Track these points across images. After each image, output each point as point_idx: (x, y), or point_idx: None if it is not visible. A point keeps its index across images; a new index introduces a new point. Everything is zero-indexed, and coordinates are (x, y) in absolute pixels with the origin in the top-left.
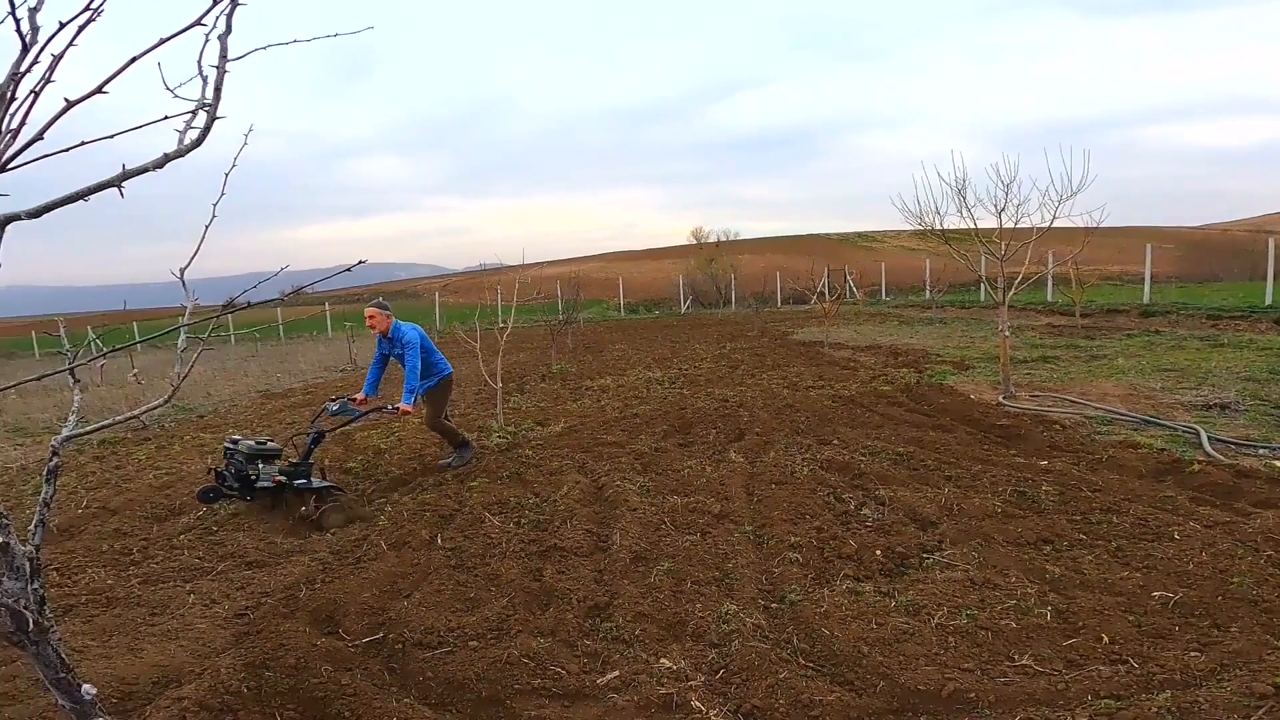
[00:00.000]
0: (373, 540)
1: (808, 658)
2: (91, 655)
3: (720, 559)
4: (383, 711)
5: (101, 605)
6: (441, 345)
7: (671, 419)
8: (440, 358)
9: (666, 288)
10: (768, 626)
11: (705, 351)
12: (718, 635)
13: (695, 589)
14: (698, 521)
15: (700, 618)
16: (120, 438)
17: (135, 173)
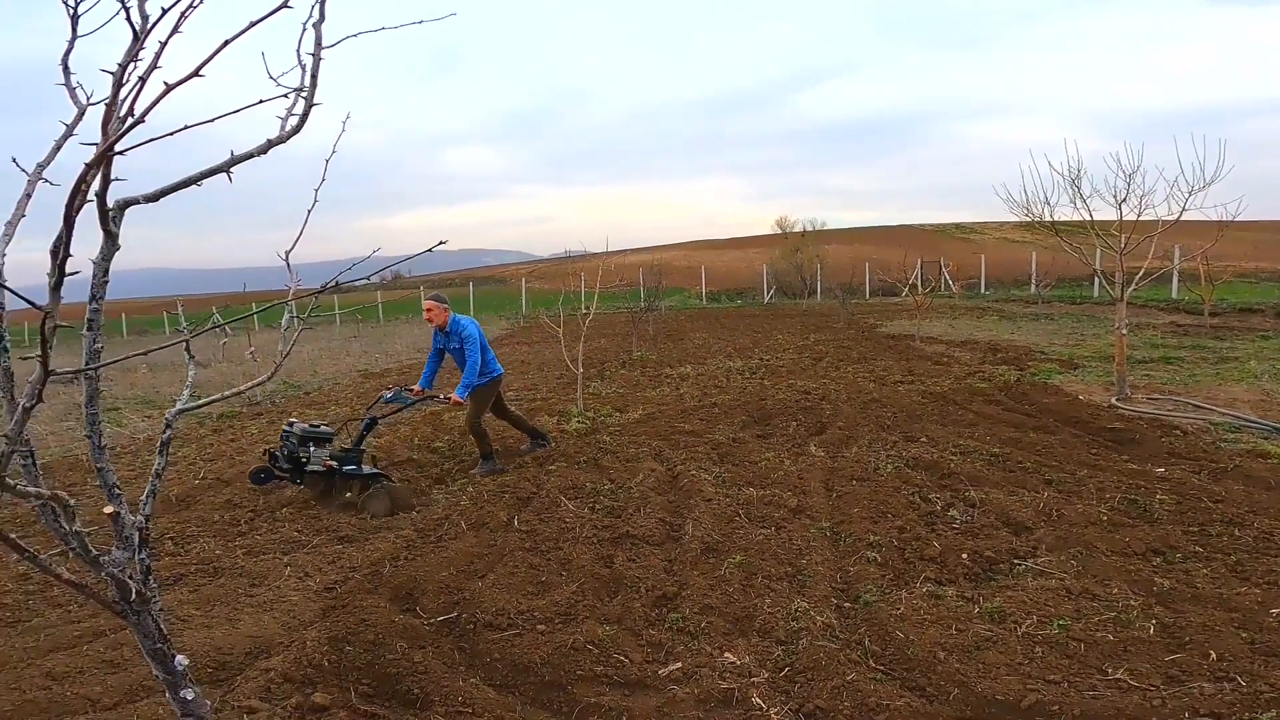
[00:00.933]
0: (454, 520)
1: (879, 660)
2: (194, 624)
3: (794, 555)
4: (450, 690)
5: (208, 575)
6: (526, 330)
7: (751, 409)
8: (493, 356)
9: (749, 277)
10: (838, 626)
11: (787, 342)
12: (785, 632)
13: (766, 584)
14: (773, 515)
15: (769, 613)
16: (236, 412)
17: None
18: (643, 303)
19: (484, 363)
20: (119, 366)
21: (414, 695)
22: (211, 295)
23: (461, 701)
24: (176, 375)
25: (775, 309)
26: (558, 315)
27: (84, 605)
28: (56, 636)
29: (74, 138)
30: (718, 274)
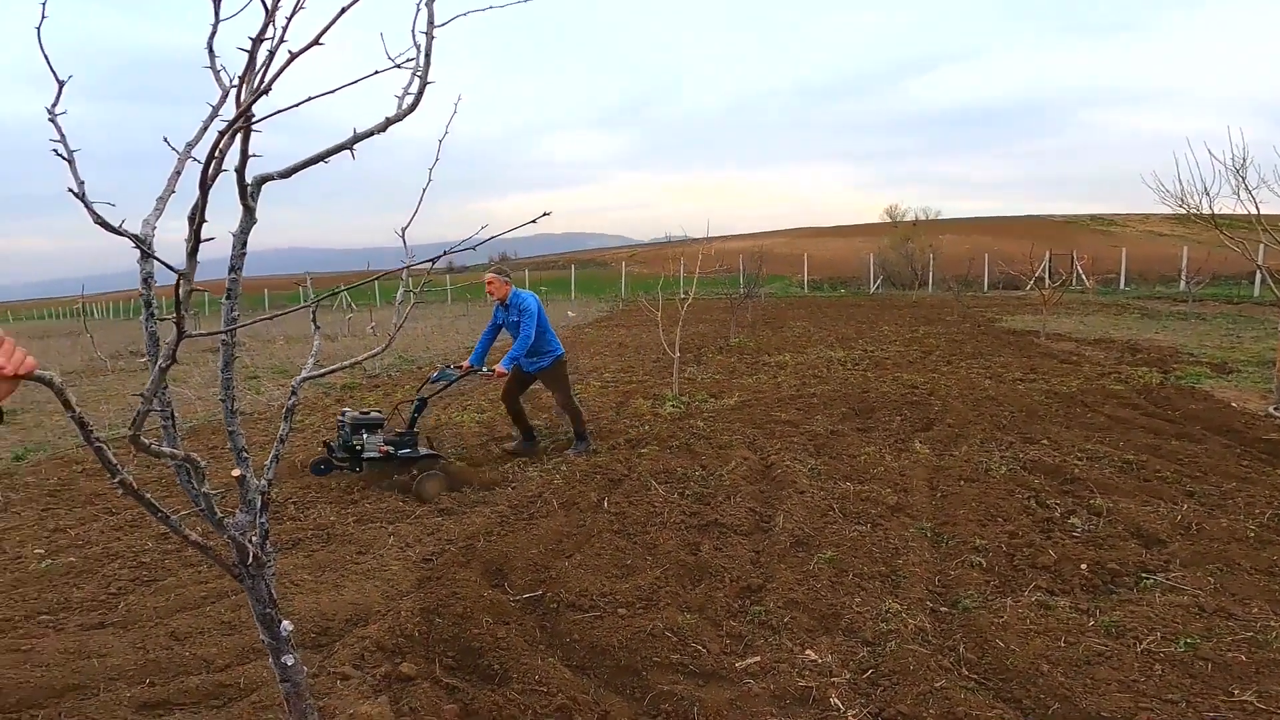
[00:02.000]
0: (546, 498)
1: (973, 669)
2: (305, 589)
3: (889, 554)
4: (528, 668)
5: (322, 540)
6: (625, 313)
7: (852, 402)
8: (553, 336)
9: (854, 266)
10: (931, 631)
11: (894, 334)
12: (873, 633)
13: (856, 582)
14: (869, 512)
15: (857, 612)
16: (357, 384)
17: (364, 135)
18: (742, 289)
19: (542, 340)
20: (260, 338)
21: (494, 671)
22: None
23: (538, 680)
24: (309, 347)
25: (882, 299)
26: (656, 299)
27: (212, 566)
28: (184, 596)
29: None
30: (820, 262)
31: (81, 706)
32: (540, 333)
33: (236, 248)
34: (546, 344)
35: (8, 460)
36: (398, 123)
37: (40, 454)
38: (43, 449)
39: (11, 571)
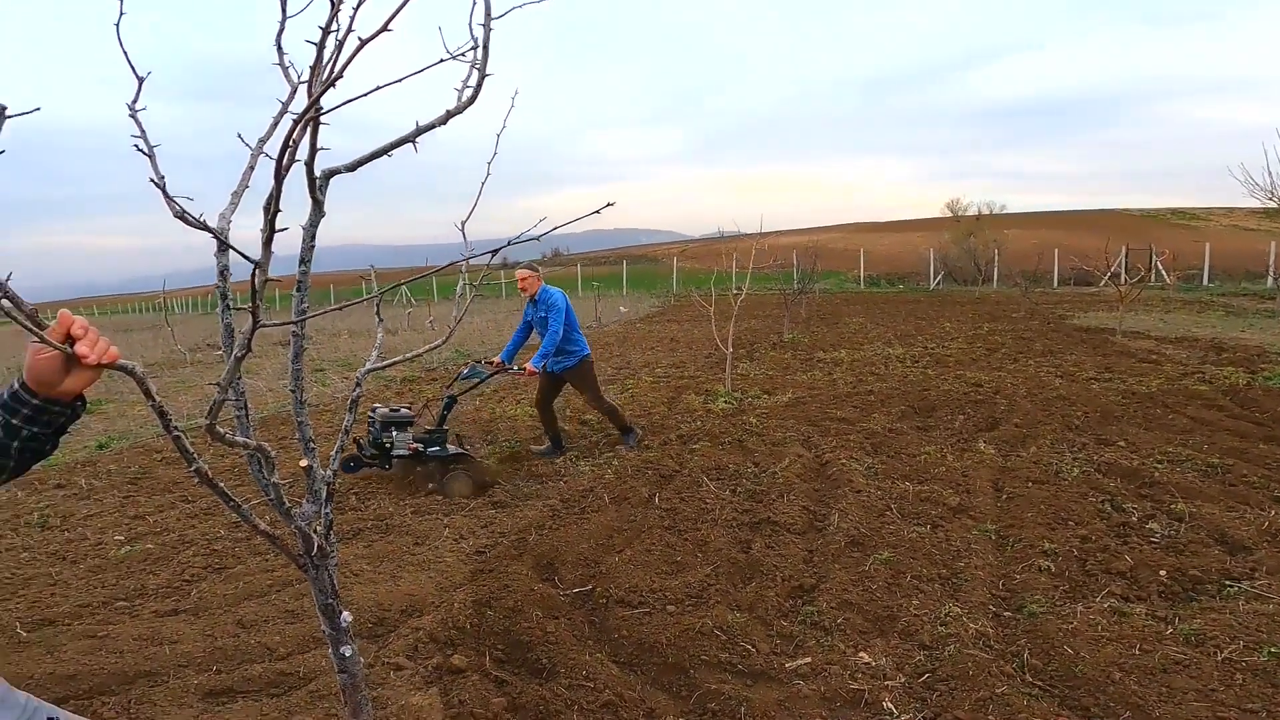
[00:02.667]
0: (597, 493)
1: (1037, 676)
2: (364, 579)
3: (950, 556)
4: (576, 664)
5: (381, 531)
6: (677, 308)
7: (911, 399)
8: (580, 336)
9: (913, 261)
10: (994, 636)
11: (957, 331)
12: (931, 637)
13: (914, 584)
14: (929, 512)
15: (914, 615)
16: (415, 376)
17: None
18: (796, 284)
19: (569, 340)
20: (325, 332)
21: (542, 665)
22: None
23: (585, 676)
24: (371, 341)
25: (943, 295)
26: (709, 294)
27: (278, 555)
28: (252, 584)
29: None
30: (877, 257)
31: (150, 694)
32: (566, 331)
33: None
34: (572, 343)
35: (91, 448)
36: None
37: (122, 442)
38: (125, 438)
39: (93, 558)
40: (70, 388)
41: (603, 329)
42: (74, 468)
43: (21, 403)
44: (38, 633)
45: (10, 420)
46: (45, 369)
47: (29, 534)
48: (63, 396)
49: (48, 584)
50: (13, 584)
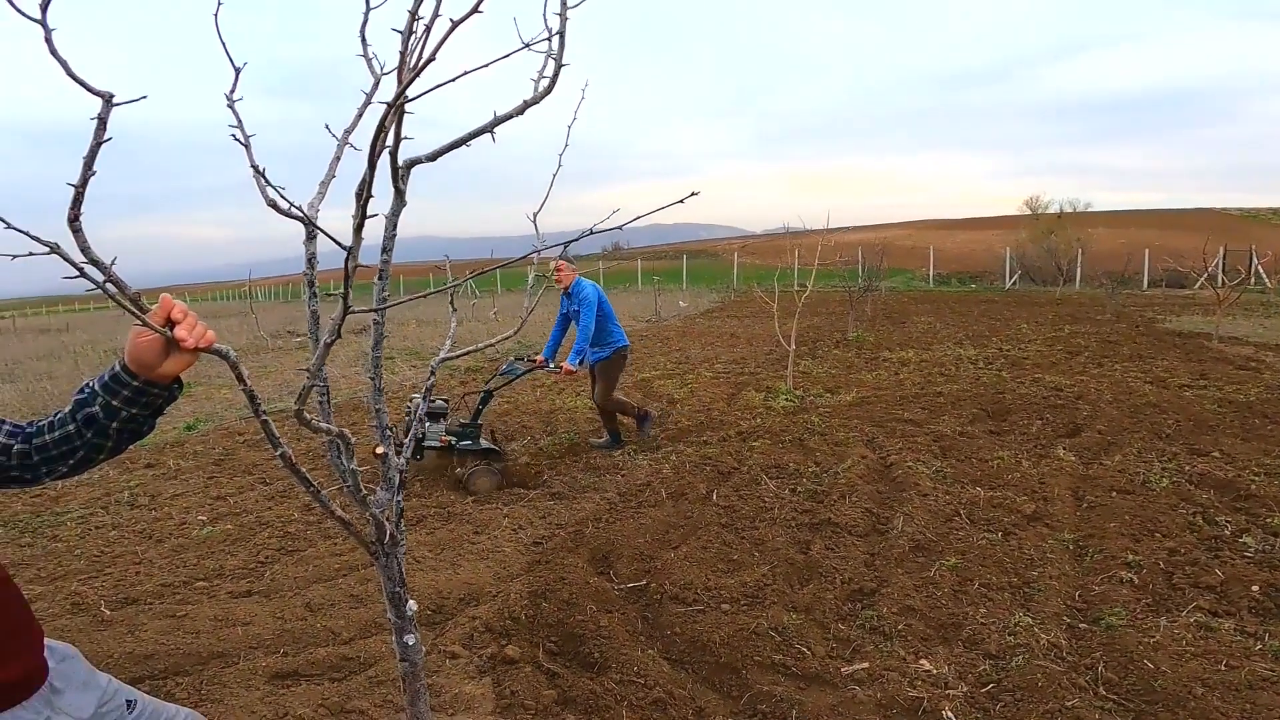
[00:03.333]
0: (655, 487)
1: (1112, 690)
2: (425, 566)
3: (1022, 564)
4: (628, 659)
5: (443, 519)
6: (737, 304)
7: (984, 402)
8: (616, 326)
9: (986, 260)
10: (1066, 647)
11: (1034, 333)
12: (998, 646)
13: (983, 592)
14: (1002, 519)
15: (981, 624)
16: (479, 366)
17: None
18: (861, 281)
19: (604, 332)
20: (394, 320)
21: (594, 659)
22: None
23: (636, 671)
24: (439, 330)
25: (1019, 295)
26: (771, 290)
27: (346, 539)
28: (321, 568)
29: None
30: (948, 255)
31: (221, 675)
32: (602, 321)
33: (388, 230)
34: (609, 335)
35: (180, 429)
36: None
37: (209, 425)
38: (211, 420)
39: (177, 537)
40: (168, 370)
41: (662, 323)
42: (163, 448)
43: (122, 384)
44: (120, 612)
45: (111, 401)
46: (146, 351)
47: (118, 512)
48: (161, 379)
49: (133, 562)
50: (101, 561)
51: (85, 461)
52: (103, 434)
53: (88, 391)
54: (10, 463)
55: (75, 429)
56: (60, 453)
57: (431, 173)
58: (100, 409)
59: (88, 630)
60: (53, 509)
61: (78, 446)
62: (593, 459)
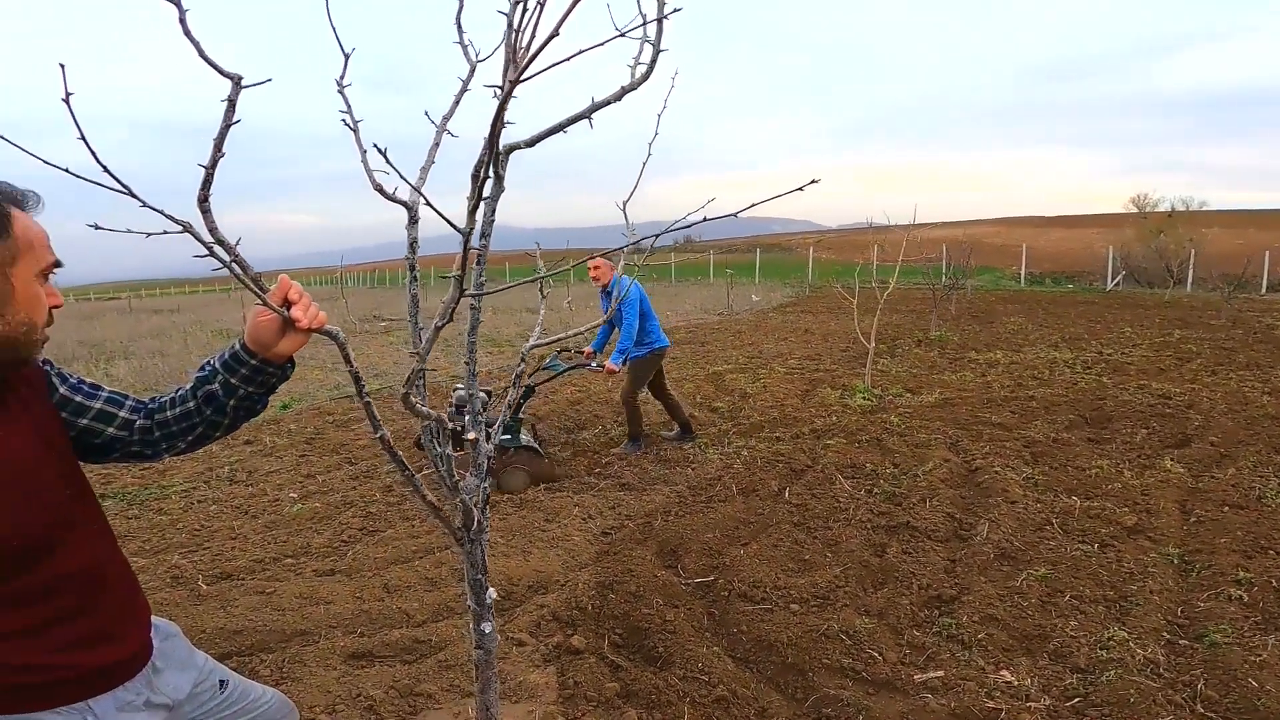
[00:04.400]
0: (725, 482)
1: (1211, 707)
2: (497, 552)
3: (1120, 578)
4: (692, 656)
5: (515, 505)
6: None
7: (1081, 408)
8: (656, 325)
9: (1082, 259)
10: (1164, 664)
11: (1139, 336)
12: (1088, 660)
13: (1073, 604)
14: (1099, 530)
15: (1070, 636)
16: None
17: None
18: (946, 279)
19: (643, 331)
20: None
21: (658, 653)
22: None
23: (700, 669)
24: (512, 318)
25: (1121, 297)
26: (849, 285)
27: (423, 522)
28: (399, 549)
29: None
30: (1041, 254)
31: (302, 653)
32: (641, 320)
33: (486, 215)
34: (646, 335)
35: (276, 409)
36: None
37: (302, 404)
38: (304, 399)
39: (269, 513)
40: (284, 350)
41: (734, 316)
42: (261, 425)
43: (241, 362)
44: (215, 586)
45: (230, 379)
46: (265, 331)
47: (219, 487)
48: (276, 358)
49: (229, 537)
50: (200, 535)
51: (203, 438)
52: (220, 411)
53: (208, 369)
54: (133, 437)
55: (195, 405)
56: (180, 429)
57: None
58: (219, 386)
59: (185, 605)
60: (159, 482)
61: (197, 423)
62: (664, 451)
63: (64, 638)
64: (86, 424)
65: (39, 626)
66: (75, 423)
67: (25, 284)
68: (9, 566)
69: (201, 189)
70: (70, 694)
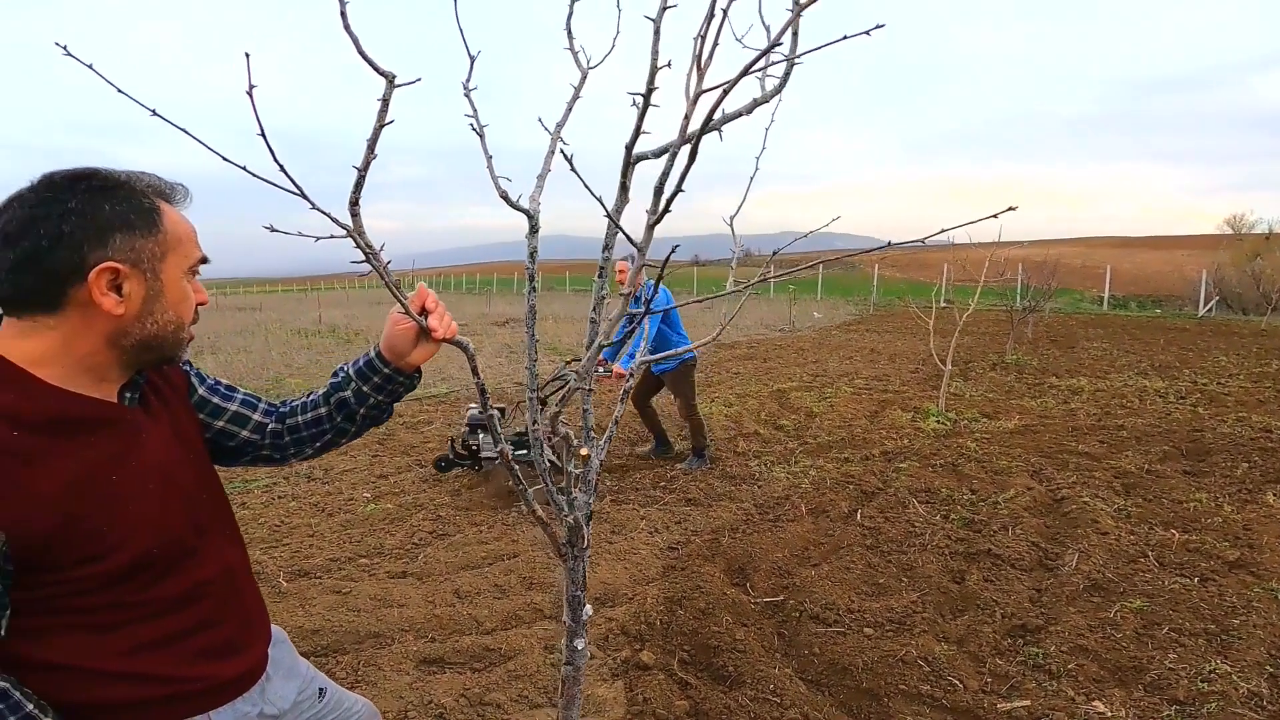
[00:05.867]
0: (794, 502)
1: None
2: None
3: (1222, 612)
4: (763, 676)
5: None
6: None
7: (1177, 440)
8: (681, 335)
9: (1172, 283)
10: (1268, 697)
11: (1236, 366)
12: (1187, 693)
13: (1172, 637)
14: (1198, 564)
15: (1167, 669)
16: None
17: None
18: (1024, 301)
19: (669, 342)
20: None
21: (727, 672)
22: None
23: (771, 689)
24: (575, 327)
25: (1216, 324)
26: (924, 304)
27: (491, 527)
28: (469, 555)
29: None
30: (1125, 277)
31: (376, 656)
32: (666, 330)
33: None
34: (671, 345)
35: None
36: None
37: None
38: None
39: (344, 512)
40: (416, 359)
41: (796, 333)
42: None
43: (374, 370)
44: (294, 584)
45: (362, 387)
46: (401, 339)
47: (298, 484)
48: (407, 367)
49: (307, 535)
50: (280, 532)
51: (329, 445)
52: (350, 419)
53: (341, 375)
54: (264, 441)
55: (327, 412)
56: (310, 434)
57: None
58: (352, 394)
59: (267, 602)
60: (243, 476)
61: (326, 429)
62: (729, 467)
63: (196, 648)
64: (222, 426)
65: (173, 637)
66: (211, 424)
67: (174, 281)
68: (149, 574)
69: (354, 191)
70: (195, 707)
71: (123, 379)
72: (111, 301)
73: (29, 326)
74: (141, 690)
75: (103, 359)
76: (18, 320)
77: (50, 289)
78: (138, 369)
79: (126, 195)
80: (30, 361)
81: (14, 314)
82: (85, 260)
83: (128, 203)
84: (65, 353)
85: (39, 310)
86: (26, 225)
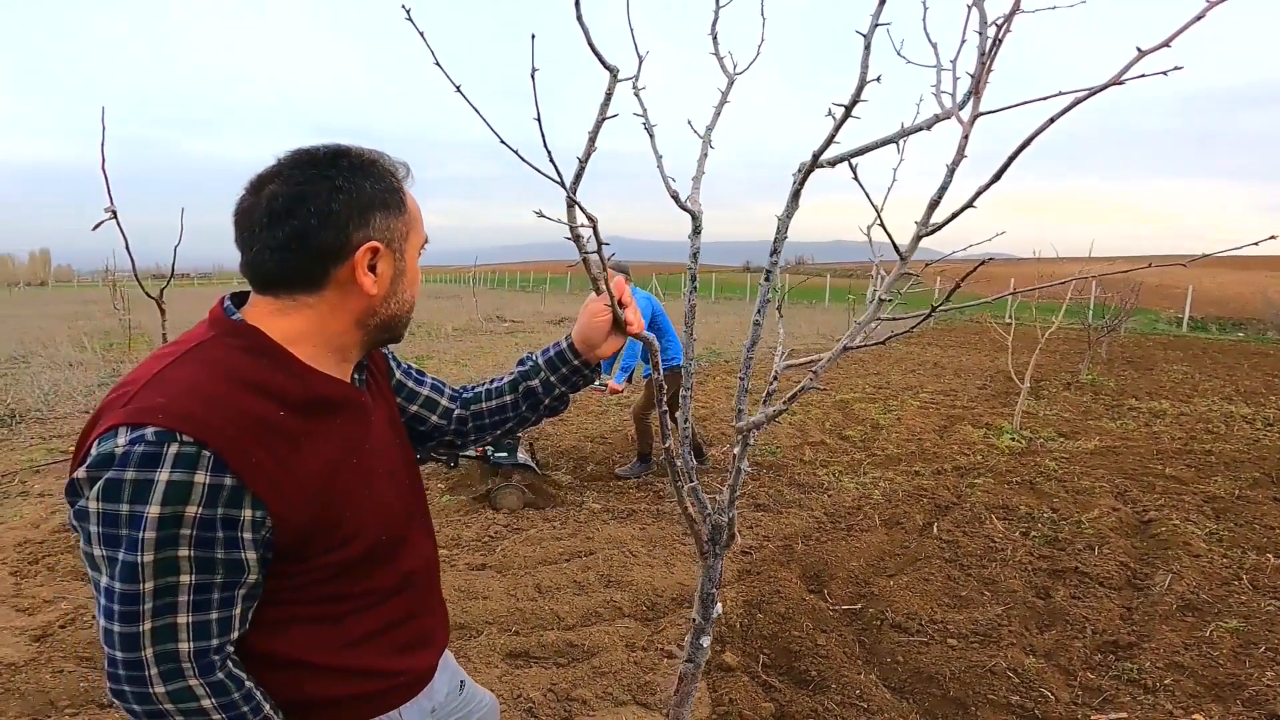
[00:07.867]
0: (866, 512)
1: None
2: (640, 561)
3: None
4: (847, 681)
5: (653, 516)
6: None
7: (1268, 467)
8: (672, 343)
9: (1257, 305)
10: None
11: None
12: None
13: (1269, 656)
14: None
15: (1266, 685)
16: None
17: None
18: (1101, 320)
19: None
20: None
21: (810, 677)
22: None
23: (858, 695)
24: None
25: None
26: (1008, 322)
27: (564, 524)
28: (545, 550)
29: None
30: (1207, 297)
31: (465, 648)
32: (658, 336)
33: (779, 232)
34: (662, 350)
35: None
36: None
37: None
38: None
39: None
40: (605, 351)
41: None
42: None
43: (565, 361)
44: None
45: (550, 377)
46: (596, 331)
47: None
48: (593, 359)
49: None
50: None
51: (509, 433)
52: (535, 408)
53: (530, 364)
54: (450, 426)
55: (513, 400)
56: (493, 421)
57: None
58: (540, 384)
59: None
60: None
61: (510, 417)
62: (797, 475)
63: (402, 640)
64: (415, 410)
65: (385, 628)
66: (407, 409)
67: (413, 261)
68: (370, 564)
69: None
70: (397, 699)
71: (358, 359)
72: (370, 281)
73: (288, 305)
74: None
75: (349, 339)
76: (274, 299)
77: (316, 267)
78: (371, 349)
79: (380, 174)
80: (288, 340)
81: (273, 292)
82: (350, 239)
83: (382, 181)
84: (319, 331)
85: (300, 289)
86: (295, 203)
